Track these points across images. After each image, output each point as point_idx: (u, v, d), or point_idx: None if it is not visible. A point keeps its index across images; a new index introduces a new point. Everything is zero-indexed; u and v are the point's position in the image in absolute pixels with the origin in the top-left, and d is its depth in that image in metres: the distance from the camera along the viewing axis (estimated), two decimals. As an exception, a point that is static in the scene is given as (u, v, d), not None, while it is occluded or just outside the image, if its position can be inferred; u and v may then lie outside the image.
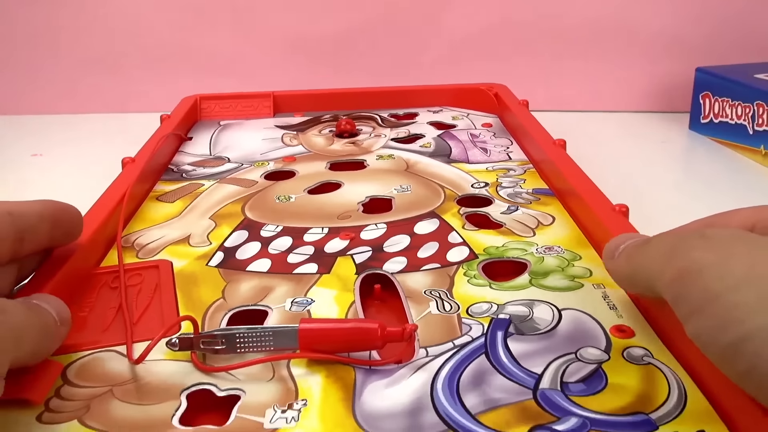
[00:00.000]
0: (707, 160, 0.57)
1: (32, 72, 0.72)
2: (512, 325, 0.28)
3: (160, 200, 0.42)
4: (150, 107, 0.69)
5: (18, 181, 0.54)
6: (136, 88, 0.72)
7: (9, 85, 0.73)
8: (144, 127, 0.53)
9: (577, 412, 0.23)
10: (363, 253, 0.35)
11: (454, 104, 0.61)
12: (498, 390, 0.24)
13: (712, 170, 0.54)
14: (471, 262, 0.33)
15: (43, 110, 0.73)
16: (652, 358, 0.26)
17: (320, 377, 0.25)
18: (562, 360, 0.26)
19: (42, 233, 0.28)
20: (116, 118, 0.71)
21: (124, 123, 0.69)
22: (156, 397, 0.24)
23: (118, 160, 0.44)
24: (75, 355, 0.27)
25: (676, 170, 0.57)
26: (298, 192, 0.43)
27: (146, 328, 0.29)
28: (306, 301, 0.30)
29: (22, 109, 0.73)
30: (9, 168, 0.58)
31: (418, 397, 0.24)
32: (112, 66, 0.72)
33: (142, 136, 0.49)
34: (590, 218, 0.36)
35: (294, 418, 0.23)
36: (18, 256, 0.28)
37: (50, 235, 0.29)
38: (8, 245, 0.26)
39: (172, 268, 0.33)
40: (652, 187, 0.50)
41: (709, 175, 0.54)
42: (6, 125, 0.69)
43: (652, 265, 0.23)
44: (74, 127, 0.68)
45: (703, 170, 0.55)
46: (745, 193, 0.49)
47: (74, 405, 0.24)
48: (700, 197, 0.48)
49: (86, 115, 0.72)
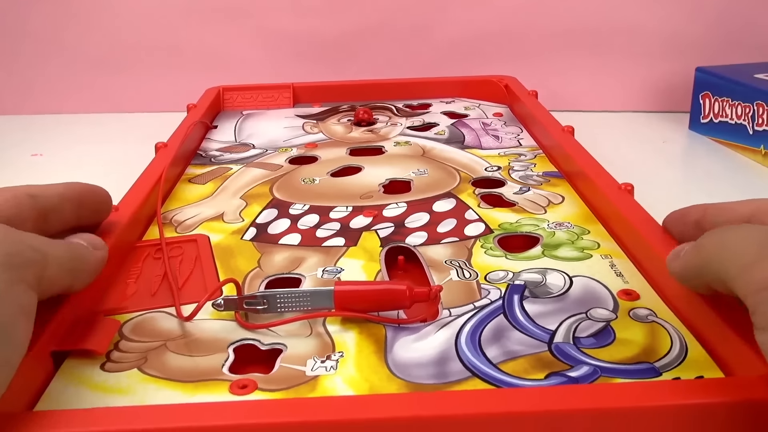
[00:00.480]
0: (707, 160, 0.57)
1: (32, 72, 0.73)
2: (527, 289, 0.30)
3: (192, 182, 0.45)
4: (151, 107, 0.70)
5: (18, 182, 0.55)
6: (138, 88, 0.73)
7: (9, 85, 0.73)
8: (144, 127, 0.53)
9: (588, 362, 0.25)
10: (386, 228, 0.37)
11: (465, 95, 0.64)
12: (516, 343, 0.27)
13: (712, 170, 0.55)
14: (487, 236, 0.36)
15: (44, 110, 0.73)
16: (656, 317, 0.28)
17: (354, 333, 0.28)
18: (573, 318, 0.28)
19: (67, 212, 0.29)
20: (117, 118, 0.71)
21: (124, 123, 0.69)
22: (206, 350, 0.27)
23: (119, 160, 0.44)
24: (129, 315, 0.29)
25: (676, 170, 0.57)
26: (322, 175, 0.45)
27: (191, 293, 0.31)
28: (336, 270, 0.33)
29: (22, 109, 0.73)
30: (9, 168, 0.58)
31: (444, 350, 0.26)
32: (113, 66, 0.72)
33: (142, 136, 0.49)
34: (597, 196, 0.38)
35: (333, 367, 0.26)
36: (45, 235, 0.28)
37: (77, 214, 0.30)
38: (30, 224, 0.27)
39: (209, 242, 0.36)
40: (652, 187, 0.51)
41: (709, 175, 0.54)
42: (6, 125, 0.70)
43: (733, 259, 0.22)
44: (74, 127, 0.69)
45: (703, 170, 0.56)
46: (745, 193, 0.50)
47: (133, 357, 0.27)
48: (700, 197, 0.49)
49: (87, 115, 0.72)
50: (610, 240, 0.35)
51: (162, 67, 0.73)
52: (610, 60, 0.71)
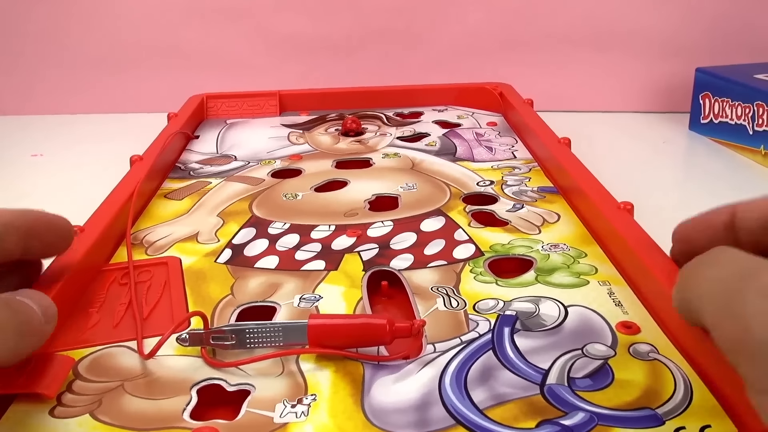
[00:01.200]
0: (707, 160, 0.57)
1: (33, 72, 0.72)
2: (519, 321, 0.28)
3: (168, 198, 0.42)
4: (151, 107, 0.69)
5: (18, 182, 0.55)
6: (137, 88, 0.72)
7: (9, 86, 0.72)
8: (144, 127, 0.53)
9: (584, 407, 0.23)
10: (370, 250, 0.35)
11: (458, 103, 0.61)
12: (505, 385, 0.24)
13: (712, 170, 0.54)
14: (477, 259, 0.34)
15: (44, 110, 0.73)
16: (657, 354, 0.26)
17: (329, 372, 0.25)
18: (568, 356, 0.26)
19: (9, 243, 0.26)
20: (117, 118, 0.71)
21: (124, 123, 0.69)
22: (167, 392, 0.25)
23: (119, 160, 0.44)
24: (86, 351, 0.27)
25: (676, 170, 0.56)
26: (305, 190, 0.43)
27: (156, 324, 0.29)
28: (314, 298, 0.31)
29: (22, 109, 0.73)
30: (9, 168, 0.58)
31: (427, 392, 0.24)
32: (113, 66, 0.72)
33: (142, 137, 0.49)
34: (595, 216, 0.36)
35: (304, 412, 0.23)
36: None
37: (23, 246, 0.27)
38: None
39: (181, 265, 0.34)
40: (652, 188, 0.50)
41: (709, 175, 0.53)
42: (6, 125, 0.69)
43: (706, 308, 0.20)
44: (75, 127, 0.68)
45: (703, 170, 0.55)
46: (745, 193, 0.49)
47: (86, 399, 0.24)
48: (700, 197, 0.49)
49: (87, 115, 0.72)
50: (609, 264, 0.33)
51: (162, 68, 0.72)
52: (610, 60, 0.70)
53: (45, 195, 0.51)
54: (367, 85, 0.64)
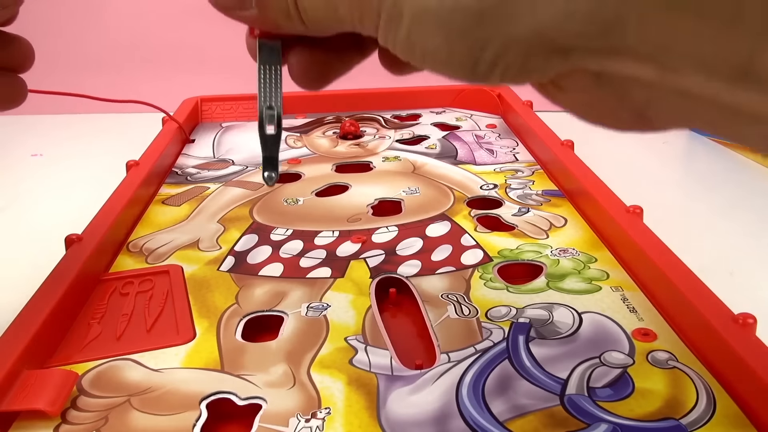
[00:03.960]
0: (707, 160, 0.57)
1: (32, 72, 0.71)
2: (533, 329, 0.28)
3: (166, 204, 0.41)
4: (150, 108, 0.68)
5: (18, 182, 0.54)
6: (137, 88, 0.71)
7: None
8: (144, 127, 0.52)
9: (607, 419, 0.22)
10: (376, 256, 0.34)
11: (456, 105, 0.61)
12: (524, 396, 0.24)
13: (712, 170, 0.54)
14: (486, 264, 0.33)
15: (44, 110, 0.71)
16: (677, 362, 0.25)
17: (342, 384, 0.25)
18: (586, 364, 0.25)
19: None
20: (117, 118, 0.70)
21: (124, 123, 0.67)
22: (176, 407, 0.24)
23: (118, 160, 0.43)
24: (90, 364, 0.26)
25: (676, 170, 0.56)
26: (306, 194, 0.42)
27: (161, 335, 0.28)
28: (322, 306, 0.30)
29: (22, 109, 0.72)
30: (9, 168, 0.57)
31: (444, 404, 0.23)
32: (112, 66, 0.71)
33: (142, 137, 0.48)
34: (604, 220, 0.35)
35: (319, 427, 0.23)
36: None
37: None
38: None
39: (183, 273, 0.33)
40: (653, 187, 0.49)
41: (709, 175, 0.53)
42: (6, 125, 0.68)
43: None
44: (74, 127, 0.67)
45: (703, 170, 0.55)
46: (745, 193, 0.49)
47: (92, 416, 0.23)
48: (700, 197, 0.48)
49: (86, 115, 0.70)
50: (620, 269, 0.32)
51: (162, 68, 0.71)
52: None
53: (45, 195, 0.50)
54: (364, 87, 0.63)
